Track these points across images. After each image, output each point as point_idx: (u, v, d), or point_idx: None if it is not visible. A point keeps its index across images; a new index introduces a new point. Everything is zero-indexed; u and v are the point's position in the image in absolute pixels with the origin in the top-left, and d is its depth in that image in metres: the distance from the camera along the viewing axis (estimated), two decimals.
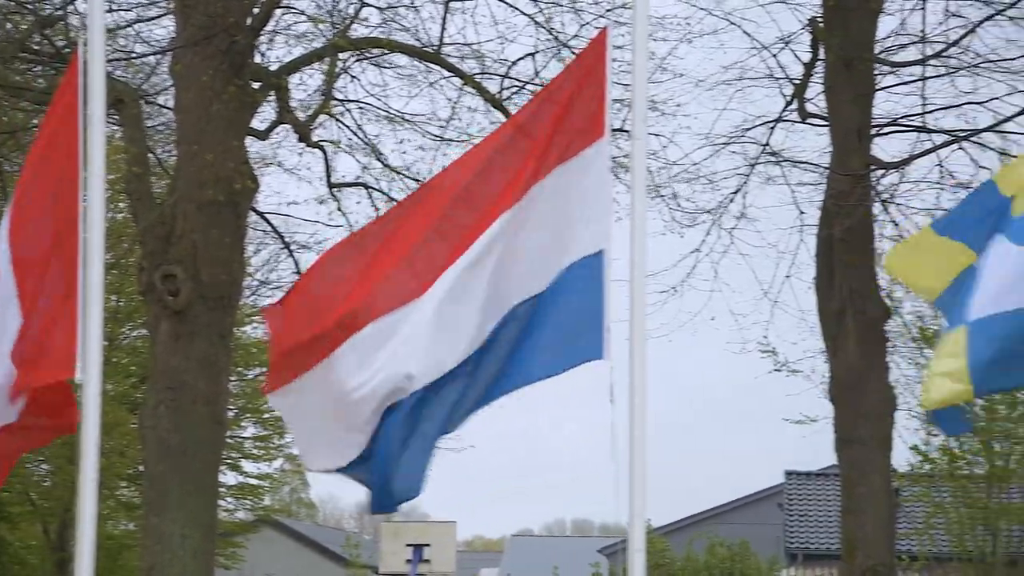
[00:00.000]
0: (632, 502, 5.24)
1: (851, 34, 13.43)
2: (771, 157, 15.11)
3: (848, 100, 13.40)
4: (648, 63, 5.84)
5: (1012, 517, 20.06)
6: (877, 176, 13.95)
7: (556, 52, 14.85)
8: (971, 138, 14.03)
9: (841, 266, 13.22)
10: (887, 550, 13.05)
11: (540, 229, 5.47)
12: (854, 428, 13.04)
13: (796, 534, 33.33)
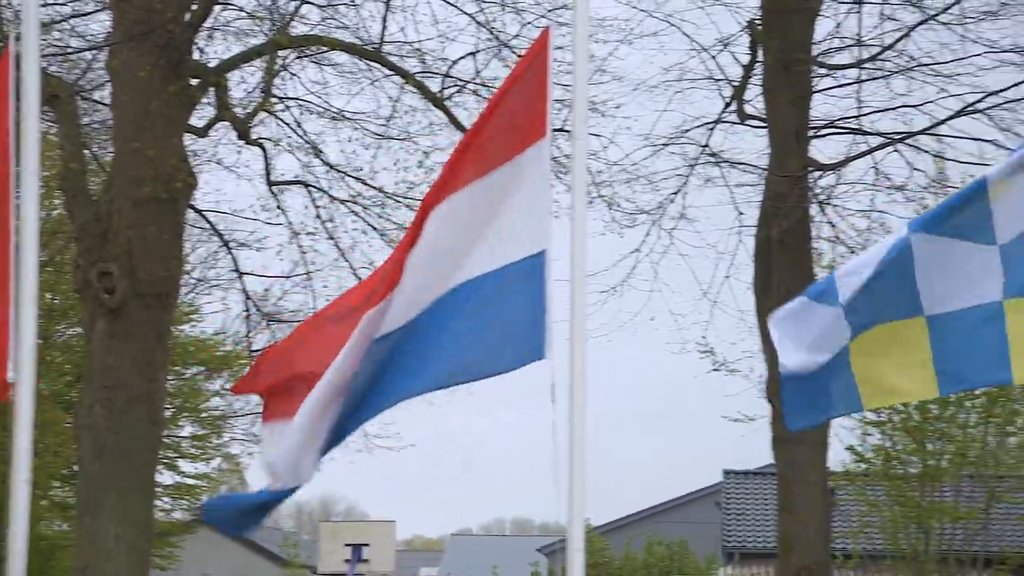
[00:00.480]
0: (571, 501, 5.24)
1: (789, 37, 13.55)
2: (710, 158, 15.21)
3: (786, 102, 13.52)
4: (589, 64, 5.86)
5: (944, 515, 20.31)
6: (814, 178, 14.08)
7: (497, 52, 14.87)
8: (906, 140, 14.20)
9: (779, 267, 13.32)
10: (823, 549, 13.18)
11: (480, 228, 5.47)
12: None
13: (733, 533, 33.56)
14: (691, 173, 15.26)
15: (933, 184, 14.89)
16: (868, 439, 20.40)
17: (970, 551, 21.15)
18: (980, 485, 20.98)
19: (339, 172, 15.78)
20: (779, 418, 13.31)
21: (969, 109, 13.66)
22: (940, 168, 14.83)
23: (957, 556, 20.93)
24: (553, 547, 38.72)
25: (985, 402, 19.56)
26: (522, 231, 5.41)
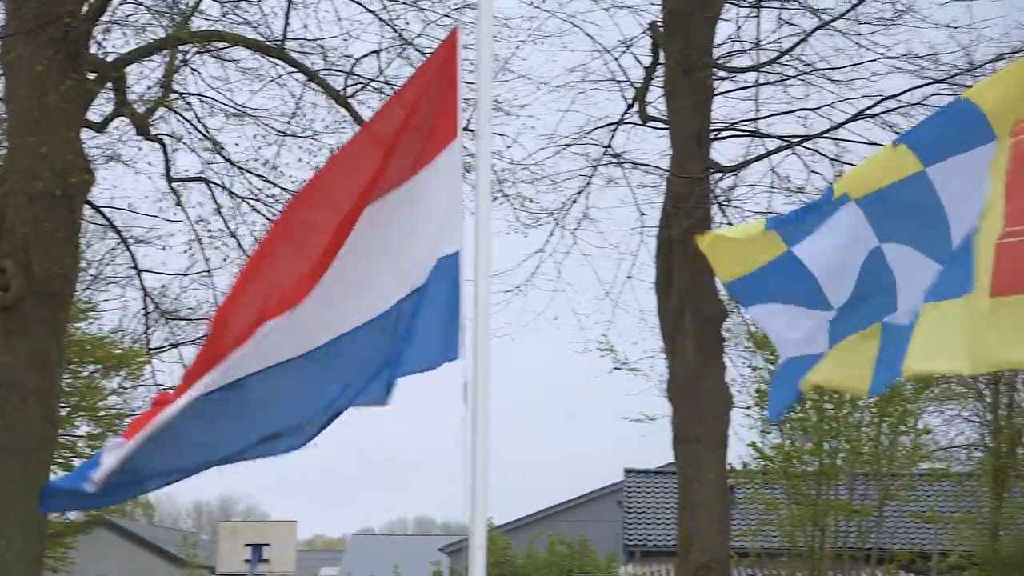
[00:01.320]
0: (474, 500, 5.25)
1: (690, 40, 13.69)
2: (613, 159, 15.32)
3: (687, 104, 13.66)
4: (493, 63, 5.87)
5: (839, 513, 20.68)
6: (715, 179, 14.25)
7: (401, 50, 14.83)
8: (804, 144, 14.43)
9: (680, 267, 13.46)
10: (722, 546, 13.33)
11: (401, 233, 5.47)
12: (691, 426, 13.29)
13: (635, 531, 33.81)
14: (594, 174, 15.38)
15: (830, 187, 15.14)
16: (768, 438, 20.70)
17: (864, 548, 21.56)
18: (874, 483, 21.38)
19: (241, 169, 15.63)
20: (679, 417, 13.45)
21: (865, 113, 13.94)
22: (838, 171, 15.11)
23: (851, 553, 21.31)
24: (455, 546, 38.71)
25: (879, 401, 19.95)
26: (438, 234, 5.43)
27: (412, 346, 5.38)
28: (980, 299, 5.25)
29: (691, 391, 13.28)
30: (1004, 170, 5.31)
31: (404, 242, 5.48)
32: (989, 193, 5.34)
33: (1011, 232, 5.24)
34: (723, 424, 13.40)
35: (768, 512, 21.66)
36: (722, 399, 13.44)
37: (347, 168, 5.51)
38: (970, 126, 5.37)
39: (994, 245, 5.26)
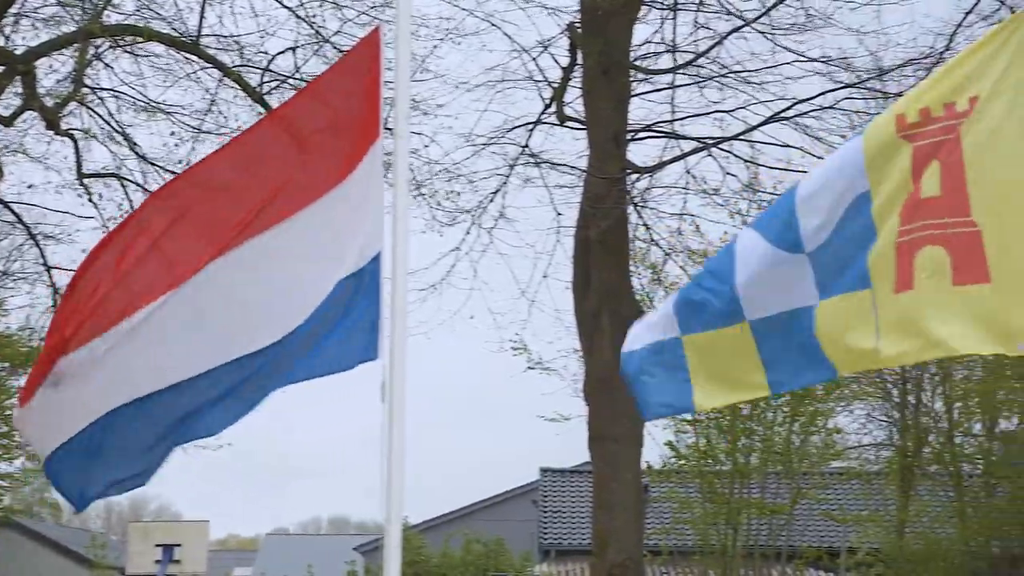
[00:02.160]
0: (390, 499, 5.23)
1: (608, 41, 13.74)
2: (530, 159, 15.35)
3: (605, 105, 13.72)
4: (411, 62, 5.85)
5: (752, 510, 20.91)
6: (632, 180, 14.32)
7: (318, 47, 14.73)
8: (719, 145, 14.56)
9: (597, 267, 13.51)
10: (636, 545, 13.41)
11: (324, 234, 5.45)
12: (607, 426, 13.35)
13: (550, 530, 33.90)
14: (511, 173, 15.39)
15: (745, 188, 15.34)
16: (683, 437, 20.88)
17: (775, 546, 21.81)
18: (786, 482, 21.65)
19: (154, 165, 15.43)
20: (596, 416, 13.51)
21: (779, 116, 14.10)
22: (752, 173, 15.28)
23: (763, 551, 21.56)
24: (370, 546, 38.55)
25: (791, 401, 20.21)
26: (362, 233, 5.41)
27: (331, 346, 5.35)
28: (884, 295, 5.36)
29: (608, 391, 13.33)
30: (907, 169, 5.41)
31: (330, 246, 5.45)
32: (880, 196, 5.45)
33: (904, 231, 5.37)
34: (639, 424, 13.47)
35: (682, 511, 21.83)
36: None
37: (263, 162, 5.46)
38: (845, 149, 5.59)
39: (895, 244, 5.37)
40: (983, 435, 24.57)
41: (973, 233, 5.20)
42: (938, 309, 5.24)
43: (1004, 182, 5.24)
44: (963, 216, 5.24)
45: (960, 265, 5.20)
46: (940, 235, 5.26)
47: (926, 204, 5.33)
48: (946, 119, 5.38)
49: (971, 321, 5.19)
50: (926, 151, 5.39)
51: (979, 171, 5.25)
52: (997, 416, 24.31)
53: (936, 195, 5.31)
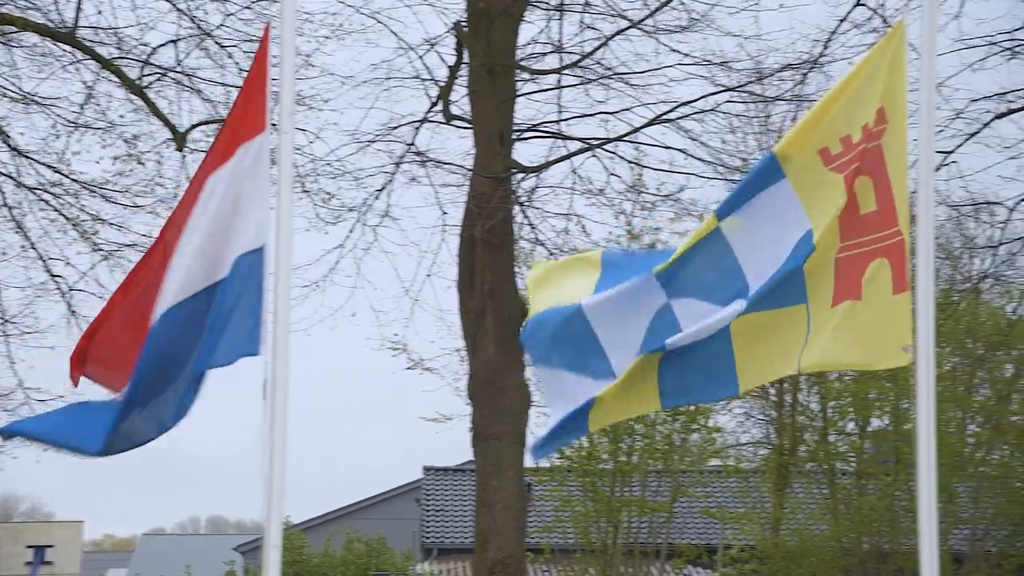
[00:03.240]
0: (270, 498, 5.19)
1: (494, 40, 13.78)
2: (416, 157, 15.32)
3: (491, 105, 13.75)
4: (296, 58, 5.85)
5: (632, 508, 21.13)
6: (517, 180, 14.38)
7: (199, 41, 14.55)
8: (604, 146, 14.69)
9: (482, 266, 13.54)
10: (517, 543, 13.47)
11: (210, 225, 5.45)
12: (490, 424, 13.39)
13: (432, 529, 33.89)
14: (396, 171, 15.35)
15: (630, 189, 15.51)
16: None
17: (655, 543, 22.07)
18: (667, 480, 21.91)
19: (28, 158, 15.09)
20: (479, 415, 13.54)
21: (662, 118, 14.27)
22: (637, 174, 15.45)
23: (643, 548, 21.80)
24: (250, 545, 38.15)
25: None
26: (246, 226, 5.40)
27: (212, 340, 5.32)
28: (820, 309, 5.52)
29: (491, 389, 13.37)
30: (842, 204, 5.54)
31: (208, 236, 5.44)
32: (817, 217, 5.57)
33: (844, 247, 5.52)
34: (522, 422, 13.54)
35: (564, 509, 21.98)
36: (522, 397, 13.57)
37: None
38: (760, 172, 5.68)
39: (833, 259, 5.53)
40: (856, 434, 25.14)
41: (901, 242, 5.41)
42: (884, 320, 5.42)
43: (903, 192, 5.45)
44: (893, 227, 5.44)
45: (896, 275, 5.40)
46: (881, 247, 5.45)
47: (867, 219, 5.51)
48: (864, 141, 5.55)
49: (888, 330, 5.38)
50: (854, 171, 5.55)
51: (899, 182, 5.45)
52: (869, 415, 24.88)
53: (873, 210, 5.49)
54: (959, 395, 24.25)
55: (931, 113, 5.59)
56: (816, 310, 5.53)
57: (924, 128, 5.60)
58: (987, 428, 25.00)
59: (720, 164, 14.73)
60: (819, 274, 5.56)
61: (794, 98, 15.42)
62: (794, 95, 15.23)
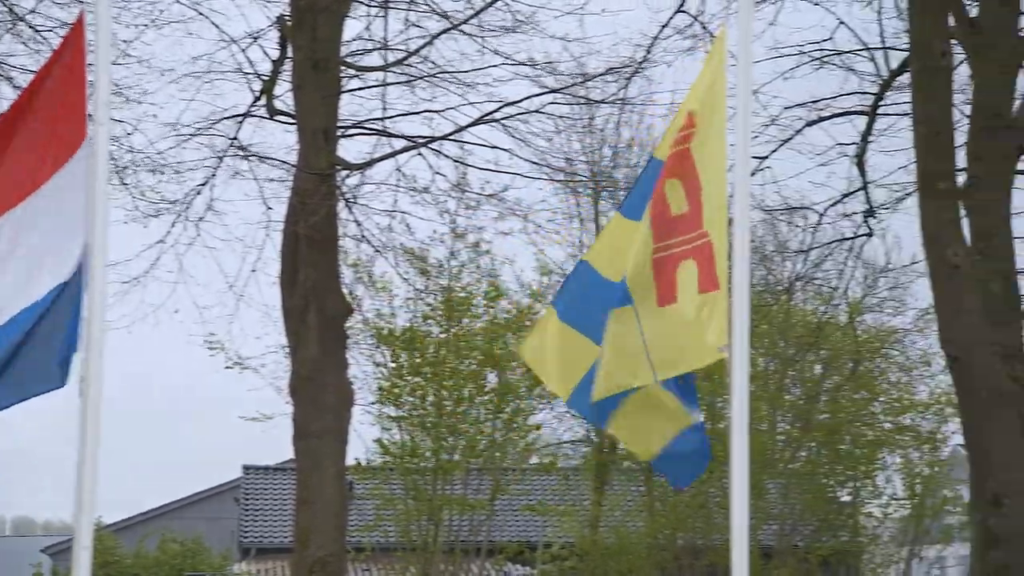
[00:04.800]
0: (80, 498, 5.06)
1: (318, 35, 13.66)
2: (239, 151, 15.10)
3: (315, 100, 13.64)
4: (112, 47, 5.69)
5: (453, 506, 21.21)
6: (342, 176, 14.30)
7: (11, 25, 14.07)
8: (429, 145, 14.71)
9: (305, 263, 13.42)
10: (338, 541, 13.39)
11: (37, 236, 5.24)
12: (312, 422, 13.28)
13: (251, 528, 33.46)
14: (219, 165, 15.11)
15: (455, 188, 15.57)
16: (388, 434, 20.98)
17: (475, 541, 22.18)
18: (488, 477, 22.04)
19: None
20: (300, 413, 13.41)
21: (487, 118, 14.36)
22: (461, 173, 15.51)
23: (463, 547, 21.88)
24: (60, 547, 37.09)
25: (495, 398, 20.61)
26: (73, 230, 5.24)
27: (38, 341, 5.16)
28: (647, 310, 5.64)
29: (313, 387, 13.27)
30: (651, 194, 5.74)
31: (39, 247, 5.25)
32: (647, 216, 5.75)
33: (657, 248, 5.64)
34: (344, 420, 13.47)
35: (385, 508, 21.93)
36: (344, 395, 13.50)
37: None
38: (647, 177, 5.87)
39: (651, 260, 5.65)
40: None
41: (708, 244, 5.54)
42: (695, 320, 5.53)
43: (718, 194, 5.59)
44: (699, 229, 5.57)
45: (703, 276, 5.52)
46: (691, 249, 5.57)
47: (678, 221, 5.63)
48: (680, 142, 5.70)
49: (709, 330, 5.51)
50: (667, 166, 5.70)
51: (708, 185, 5.58)
52: None
53: (684, 212, 5.62)
54: (771, 394, 24.99)
55: (748, 119, 5.74)
56: (644, 313, 5.65)
57: (741, 133, 5.74)
58: (796, 427, 25.83)
59: (545, 165, 14.90)
60: (640, 275, 5.67)
61: (617, 101, 15.72)
62: (617, 98, 15.52)
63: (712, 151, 5.61)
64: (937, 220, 12.45)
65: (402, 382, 20.61)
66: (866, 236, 15.74)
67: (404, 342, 20.57)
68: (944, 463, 27.20)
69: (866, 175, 15.25)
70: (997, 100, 13.10)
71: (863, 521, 27.08)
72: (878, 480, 26.69)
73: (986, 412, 12.19)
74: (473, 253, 20.96)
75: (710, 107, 5.64)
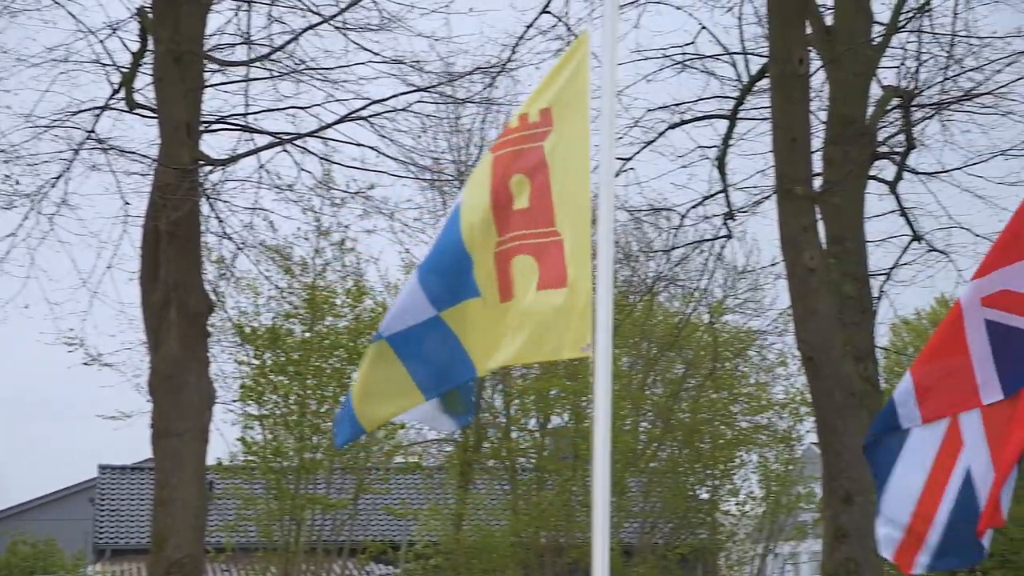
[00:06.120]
0: None
1: (180, 28, 13.44)
2: (97, 145, 14.77)
3: (177, 94, 13.41)
4: None
5: (316, 506, 21.05)
6: (204, 172, 14.09)
7: None
8: (294, 141, 14.58)
9: (166, 259, 13.21)
10: (196, 542, 13.19)
11: None
12: (172, 421, 13.07)
13: (106, 529, 32.80)
14: (75, 158, 14.76)
15: (320, 185, 15.45)
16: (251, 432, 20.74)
17: (338, 541, 22.05)
18: (351, 477, 21.94)
19: None
20: (160, 411, 13.18)
21: (353, 115, 14.29)
22: (327, 170, 15.40)
23: (326, 546, 21.74)
24: None
25: None
26: None
27: None
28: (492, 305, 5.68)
29: (173, 385, 13.06)
30: (487, 175, 5.74)
31: None
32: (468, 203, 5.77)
33: (499, 241, 5.67)
34: (205, 419, 13.28)
35: (247, 507, 21.68)
36: (205, 394, 13.31)
37: None
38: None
39: (493, 255, 5.67)
40: (537, 431, 25.86)
41: (557, 243, 5.57)
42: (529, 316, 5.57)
43: (573, 194, 5.63)
44: (549, 227, 5.60)
45: (545, 273, 5.55)
46: (531, 244, 5.60)
47: (519, 215, 5.66)
48: (519, 130, 5.72)
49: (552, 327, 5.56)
50: (506, 160, 5.72)
51: (561, 184, 5.62)
52: (550, 412, 25.66)
53: (526, 207, 5.64)
54: (634, 393, 25.33)
55: (612, 120, 5.80)
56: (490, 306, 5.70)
57: (606, 134, 5.80)
58: (658, 425, 26.22)
59: (411, 163, 14.87)
60: (484, 268, 5.72)
61: (483, 101, 15.78)
62: (483, 98, 15.58)
63: (572, 151, 5.64)
64: (794, 223, 12.75)
65: (265, 381, 20.40)
66: (726, 238, 16.02)
67: (267, 340, 20.37)
68: (798, 461, 27.88)
69: (726, 178, 15.52)
70: (851, 107, 13.48)
71: (721, 519, 27.62)
72: (735, 478, 27.26)
73: (839, 411, 12.52)
74: (338, 251, 20.85)
75: (571, 108, 5.67)
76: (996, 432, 5.43)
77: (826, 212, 13.15)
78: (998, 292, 5.42)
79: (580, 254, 5.52)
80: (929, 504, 5.53)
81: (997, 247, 5.46)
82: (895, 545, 5.60)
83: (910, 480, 5.56)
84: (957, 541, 5.50)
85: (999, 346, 5.43)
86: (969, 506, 5.45)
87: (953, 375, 5.50)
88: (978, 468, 5.45)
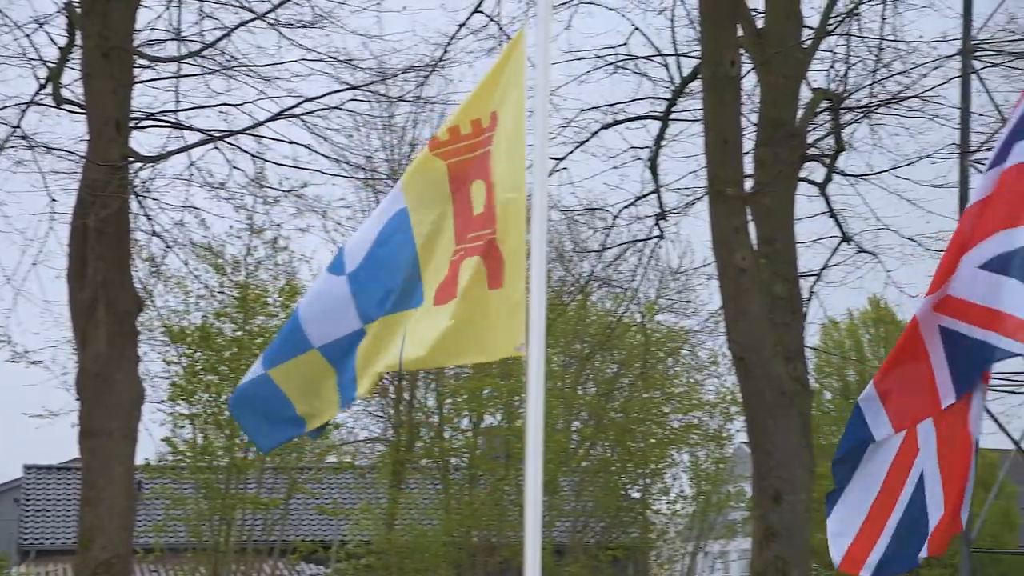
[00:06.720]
0: None
1: (109, 23, 13.29)
2: (22, 141, 14.56)
3: (106, 89, 13.26)
4: None
5: (247, 505, 20.91)
6: (134, 169, 13.94)
7: None
8: (226, 139, 14.47)
9: (94, 257, 13.06)
10: (124, 542, 13.07)
11: None
12: (100, 420, 12.94)
13: (32, 530, 32.40)
14: (0, 155, 14.54)
15: (252, 183, 15.34)
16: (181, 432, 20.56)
17: (269, 541, 21.92)
18: (283, 476, 21.81)
19: None
20: (87, 411, 13.04)
21: (286, 113, 14.22)
22: (259, 168, 15.30)
23: (256, 546, 21.60)
24: None
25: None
26: None
27: None
28: (425, 308, 5.70)
29: (101, 385, 12.92)
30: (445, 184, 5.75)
31: None
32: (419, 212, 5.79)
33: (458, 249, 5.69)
34: (134, 419, 13.15)
35: (176, 507, 21.49)
36: (134, 393, 13.18)
37: None
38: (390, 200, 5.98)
39: (449, 262, 5.70)
40: (470, 430, 25.86)
41: (493, 241, 5.61)
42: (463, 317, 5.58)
43: (509, 193, 5.66)
44: (491, 228, 5.62)
45: (491, 273, 5.58)
46: (479, 246, 5.62)
47: (474, 220, 5.70)
48: (473, 136, 5.74)
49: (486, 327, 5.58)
50: (464, 167, 5.74)
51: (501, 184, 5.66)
52: (483, 412, 25.67)
53: (481, 212, 5.66)
54: (567, 392, 25.40)
55: (546, 120, 5.81)
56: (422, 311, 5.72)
57: (539, 134, 5.82)
58: (590, 425, 26.32)
59: (344, 161, 14.82)
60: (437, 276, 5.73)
61: (416, 99, 15.75)
62: (416, 96, 15.55)
63: (508, 151, 5.66)
64: (725, 224, 12.86)
65: (196, 380, 20.23)
66: (658, 238, 16.12)
67: (198, 339, 20.19)
68: (728, 460, 28.12)
69: (658, 179, 15.61)
70: (782, 109, 13.61)
71: (652, 517, 27.78)
72: (667, 477, 27.44)
73: (769, 411, 12.65)
74: (271, 249, 20.73)
75: (508, 107, 5.70)
76: (946, 437, 5.56)
77: (757, 213, 13.27)
78: (944, 297, 5.59)
79: (515, 254, 5.55)
80: (883, 510, 5.63)
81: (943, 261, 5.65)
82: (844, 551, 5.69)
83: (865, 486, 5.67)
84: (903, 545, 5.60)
85: (951, 351, 5.58)
86: (919, 511, 5.57)
87: (915, 381, 5.64)
88: (929, 473, 5.57)
